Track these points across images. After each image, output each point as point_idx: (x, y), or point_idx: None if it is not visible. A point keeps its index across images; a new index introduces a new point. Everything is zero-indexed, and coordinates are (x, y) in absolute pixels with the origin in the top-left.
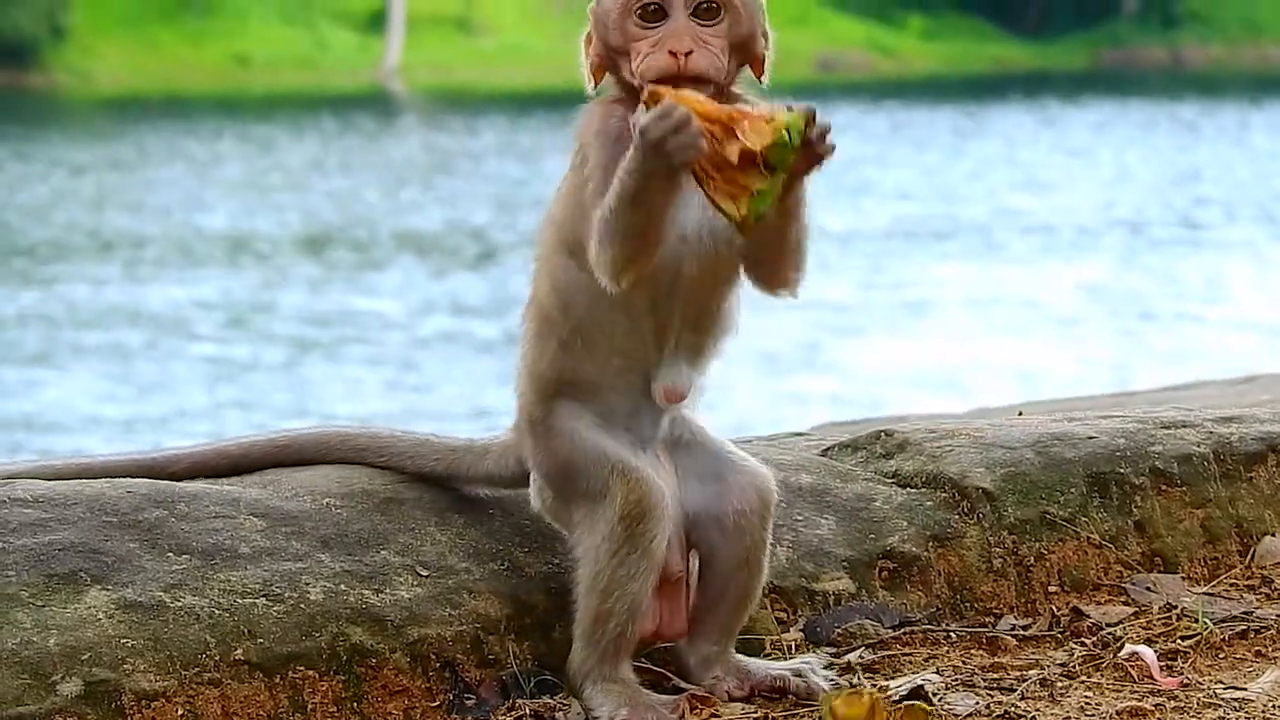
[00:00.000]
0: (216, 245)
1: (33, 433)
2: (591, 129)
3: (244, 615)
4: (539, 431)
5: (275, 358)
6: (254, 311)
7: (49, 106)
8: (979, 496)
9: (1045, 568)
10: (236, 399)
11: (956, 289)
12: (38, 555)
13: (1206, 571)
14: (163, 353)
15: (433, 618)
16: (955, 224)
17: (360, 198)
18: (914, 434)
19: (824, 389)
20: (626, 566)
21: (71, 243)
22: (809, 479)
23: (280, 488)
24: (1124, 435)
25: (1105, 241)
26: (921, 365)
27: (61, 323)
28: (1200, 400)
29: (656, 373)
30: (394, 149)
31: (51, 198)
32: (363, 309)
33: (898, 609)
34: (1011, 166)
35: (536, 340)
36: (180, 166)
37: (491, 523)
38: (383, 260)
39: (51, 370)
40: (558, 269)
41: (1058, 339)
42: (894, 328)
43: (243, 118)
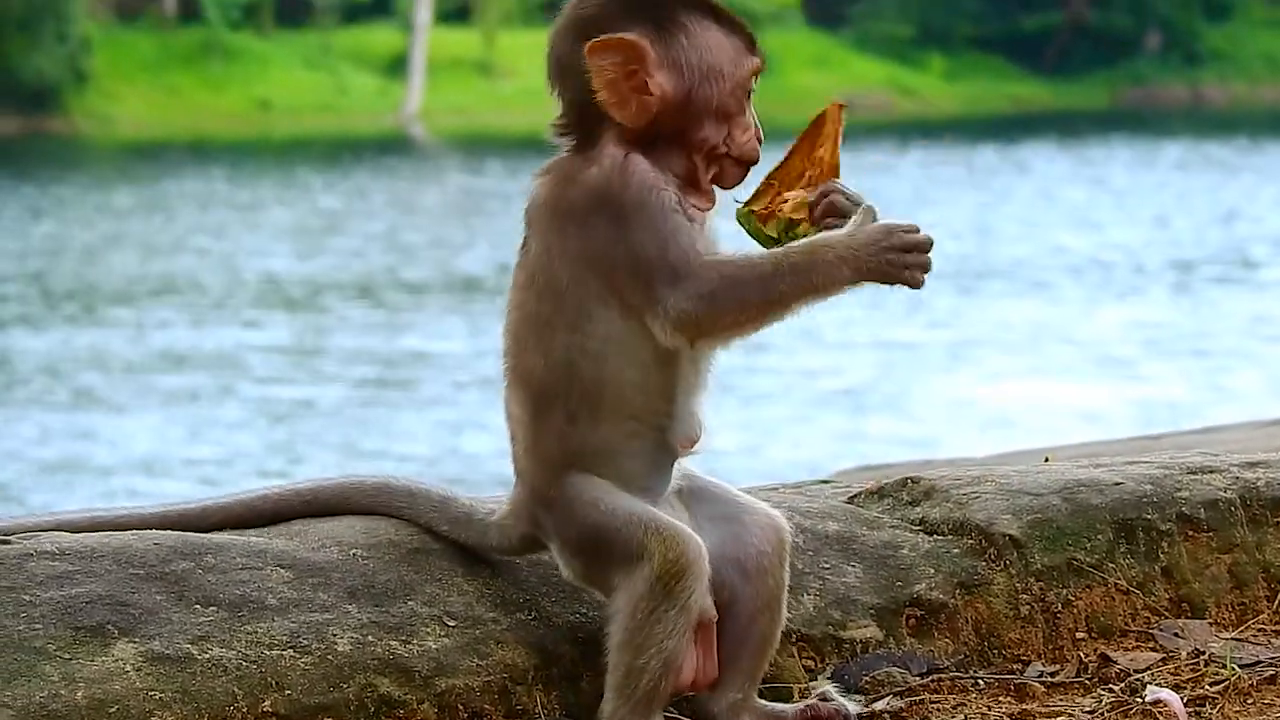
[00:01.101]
0: (269, 289)
1: (88, 474)
2: (640, 178)
3: (271, 667)
4: (555, 509)
5: (334, 400)
6: (311, 355)
7: (72, 151)
8: (1006, 543)
9: (1073, 614)
10: (296, 441)
11: (1010, 328)
12: (64, 608)
13: (1234, 617)
14: (221, 395)
15: (460, 668)
16: (1002, 263)
17: (402, 240)
18: (940, 481)
19: (881, 429)
20: (664, 624)
21: (124, 286)
22: (835, 526)
23: (306, 539)
24: (1150, 481)
25: (1154, 280)
26: (979, 404)
27: (119, 366)
28: (1226, 444)
29: (670, 424)
30: (428, 192)
31: (100, 242)
32: (419, 350)
33: (925, 656)
34: (1050, 205)
35: (535, 420)
36: (220, 211)
37: (518, 573)
38: (436, 302)
39: (109, 413)
40: (552, 342)
41: (1114, 377)
42: (949, 367)
43: (270, 162)
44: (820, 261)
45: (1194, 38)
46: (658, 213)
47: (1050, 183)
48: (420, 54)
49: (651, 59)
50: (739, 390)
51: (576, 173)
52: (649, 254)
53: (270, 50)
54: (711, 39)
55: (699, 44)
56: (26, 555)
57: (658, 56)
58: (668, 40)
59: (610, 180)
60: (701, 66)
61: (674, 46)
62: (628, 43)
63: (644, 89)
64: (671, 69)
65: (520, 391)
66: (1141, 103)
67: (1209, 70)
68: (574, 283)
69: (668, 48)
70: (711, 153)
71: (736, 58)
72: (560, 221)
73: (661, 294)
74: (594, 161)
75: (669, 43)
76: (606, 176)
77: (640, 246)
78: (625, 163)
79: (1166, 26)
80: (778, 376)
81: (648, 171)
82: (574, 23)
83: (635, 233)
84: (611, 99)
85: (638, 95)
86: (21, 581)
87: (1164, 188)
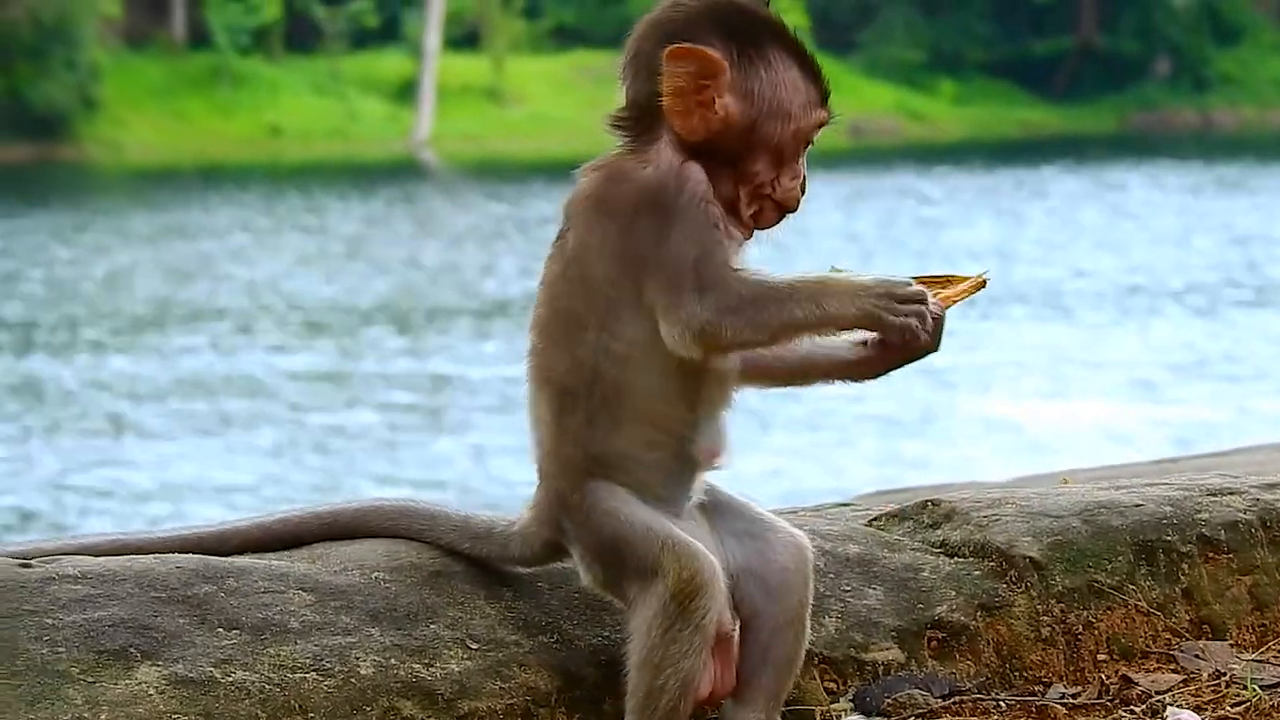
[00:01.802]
0: (295, 313)
1: (119, 500)
2: (694, 186)
3: (295, 690)
4: (577, 513)
5: (365, 424)
6: (340, 379)
7: (83, 178)
8: (1026, 565)
9: (1094, 636)
10: (329, 466)
11: (1036, 350)
12: (87, 631)
13: (1255, 638)
14: (252, 420)
15: (483, 690)
16: (1025, 286)
17: (424, 265)
18: (960, 503)
19: (912, 452)
20: (680, 643)
21: (153, 312)
22: (856, 549)
23: (328, 562)
24: (1170, 503)
25: (1177, 302)
26: (1009, 427)
27: (148, 391)
28: (1246, 466)
29: (692, 435)
30: (444, 216)
31: (120, 268)
32: (447, 374)
33: (947, 678)
34: (1067, 229)
35: (557, 421)
36: (238, 237)
37: (540, 595)
38: (461, 326)
39: (142, 439)
40: (579, 340)
41: (1140, 399)
42: (977, 389)
43: (282, 188)
44: (831, 294)
45: (1203, 63)
46: (703, 223)
47: (1066, 206)
48: (430, 80)
49: (726, 79)
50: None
51: (630, 172)
52: (684, 260)
53: (280, 76)
54: (790, 79)
55: (776, 80)
56: (49, 579)
57: (733, 79)
58: (748, 67)
59: (666, 182)
60: (773, 102)
61: (752, 75)
62: (709, 57)
63: (710, 105)
64: (743, 95)
65: (543, 390)
66: (1151, 127)
67: (1218, 95)
68: (608, 281)
69: (746, 74)
70: (757, 189)
71: (808, 105)
72: (605, 218)
73: (686, 301)
74: (650, 162)
75: (748, 70)
76: (662, 178)
77: (678, 251)
78: (682, 169)
79: (1176, 51)
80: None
81: (701, 182)
82: (662, 23)
83: (677, 237)
84: (676, 106)
85: (702, 110)
86: (44, 605)
87: (1182, 211)
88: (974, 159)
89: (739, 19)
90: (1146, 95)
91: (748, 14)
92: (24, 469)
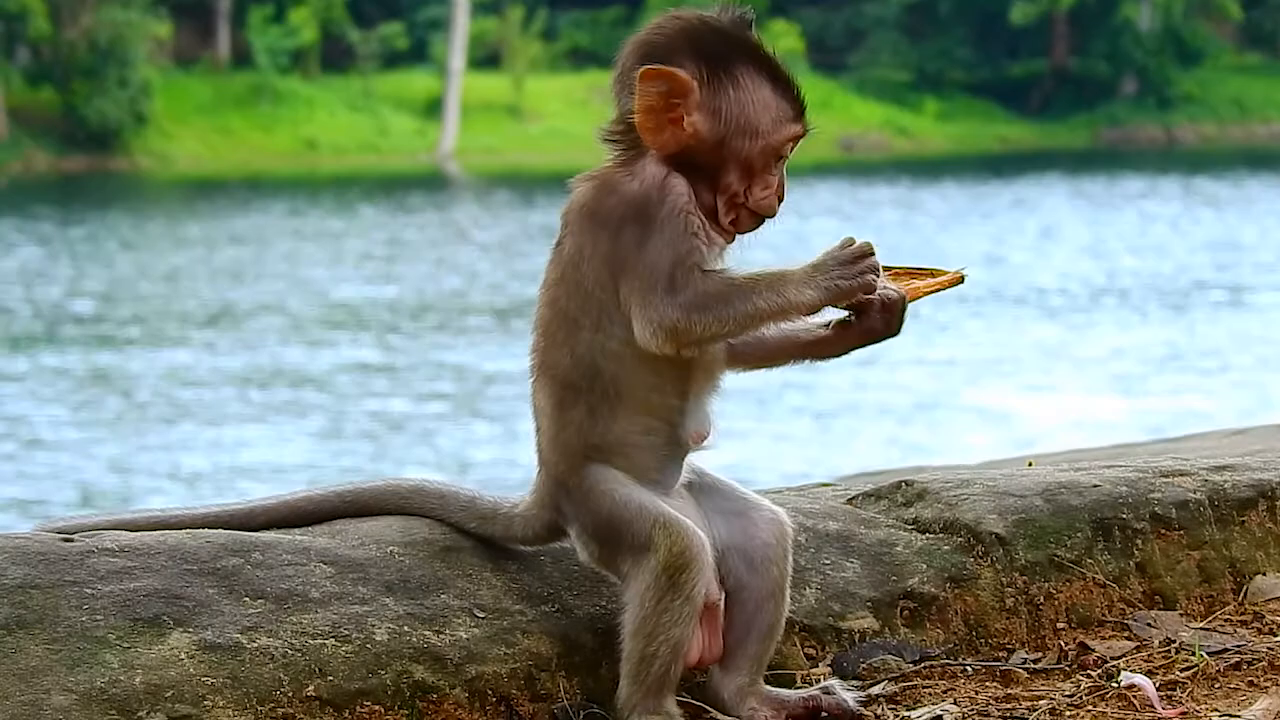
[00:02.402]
0: (349, 312)
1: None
2: (675, 198)
3: (315, 655)
4: (575, 495)
5: (414, 413)
6: (392, 372)
7: (134, 188)
8: (992, 541)
9: (1054, 606)
10: (382, 450)
11: (1031, 347)
12: (124, 601)
13: (1203, 608)
14: (305, 408)
15: (489, 656)
16: (1018, 289)
17: (459, 267)
18: (932, 484)
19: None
20: (670, 613)
21: (216, 310)
22: (835, 526)
23: (347, 537)
24: (1126, 484)
25: (1163, 302)
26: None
27: (213, 381)
28: (1197, 450)
29: (682, 420)
30: (477, 223)
31: (181, 270)
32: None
33: (918, 645)
34: (1052, 236)
35: (558, 411)
36: (286, 241)
37: (543, 568)
38: (503, 324)
39: (216, 426)
40: (578, 339)
41: (1130, 392)
42: (977, 380)
43: (320, 197)
44: (788, 281)
45: (1167, 83)
46: (681, 232)
47: (1045, 215)
48: (454, 97)
49: (694, 99)
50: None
51: (618, 184)
52: (659, 265)
53: (316, 94)
54: (759, 97)
55: (745, 99)
56: (88, 552)
57: (701, 98)
58: (716, 86)
59: (649, 194)
60: (740, 119)
61: (720, 94)
62: (677, 77)
63: (679, 123)
64: (710, 114)
65: (546, 384)
66: (1119, 142)
67: (1180, 112)
68: (599, 285)
69: (714, 93)
70: (732, 199)
71: (778, 121)
72: (595, 226)
73: (656, 302)
74: (636, 176)
75: (716, 89)
76: (646, 191)
77: (655, 257)
78: (665, 181)
79: (1142, 72)
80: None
81: (683, 194)
82: (642, 44)
83: (655, 244)
84: (646, 123)
85: (672, 126)
86: (84, 576)
87: (1153, 219)
88: (957, 171)
89: (713, 40)
90: (1115, 113)
91: (722, 35)
92: (94, 452)
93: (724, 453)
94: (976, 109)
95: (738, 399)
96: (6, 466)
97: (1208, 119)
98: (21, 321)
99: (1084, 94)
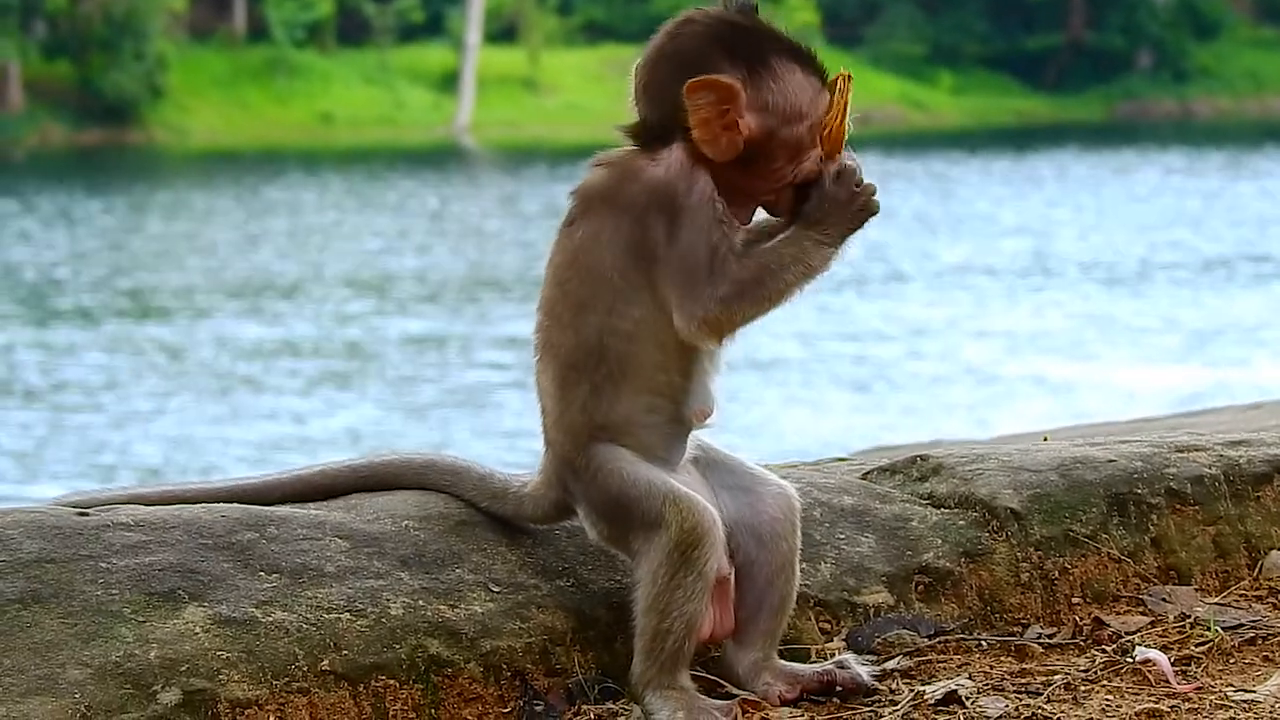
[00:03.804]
0: (399, 283)
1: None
2: (703, 185)
3: (330, 629)
4: (583, 475)
5: (463, 382)
6: (455, 342)
7: (151, 160)
8: (1007, 516)
9: (1069, 581)
10: (428, 421)
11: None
12: (139, 575)
13: (1217, 583)
14: (360, 377)
15: (504, 630)
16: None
17: (506, 240)
18: (947, 459)
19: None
20: (683, 589)
21: (256, 282)
22: (850, 500)
23: (362, 511)
24: (1141, 458)
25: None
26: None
27: (259, 351)
28: (1212, 425)
29: (686, 399)
30: (502, 196)
31: (219, 242)
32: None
33: (933, 620)
34: (1070, 207)
35: (562, 391)
36: (319, 213)
37: (558, 543)
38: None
39: (252, 394)
40: (585, 321)
41: (1166, 361)
42: (1022, 351)
43: (339, 170)
44: (809, 249)
45: (1183, 56)
46: (710, 221)
47: (1068, 187)
48: (470, 71)
49: (744, 100)
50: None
51: (642, 170)
52: (694, 257)
53: (332, 67)
54: (795, 81)
55: (785, 87)
56: (104, 526)
57: (749, 98)
58: (758, 83)
59: (676, 181)
60: (787, 109)
61: (764, 89)
62: (724, 84)
63: (735, 128)
64: (760, 111)
65: (550, 365)
66: (1134, 116)
67: (1197, 86)
68: (618, 270)
69: (759, 90)
70: (778, 182)
71: (815, 97)
72: (615, 212)
73: (698, 296)
74: (661, 162)
75: (759, 85)
76: (672, 179)
77: (688, 248)
78: (691, 170)
79: (1157, 45)
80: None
81: (709, 183)
82: (673, 55)
83: (686, 234)
84: (704, 135)
85: (728, 134)
86: (99, 550)
87: (1177, 192)
88: (974, 145)
89: (740, 37)
90: (1130, 86)
91: (746, 30)
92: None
93: (796, 422)
94: (992, 83)
95: (795, 369)
96: (93, 437)
97: (1223, 92)
98: (79, 296)
99: (1099, 68)
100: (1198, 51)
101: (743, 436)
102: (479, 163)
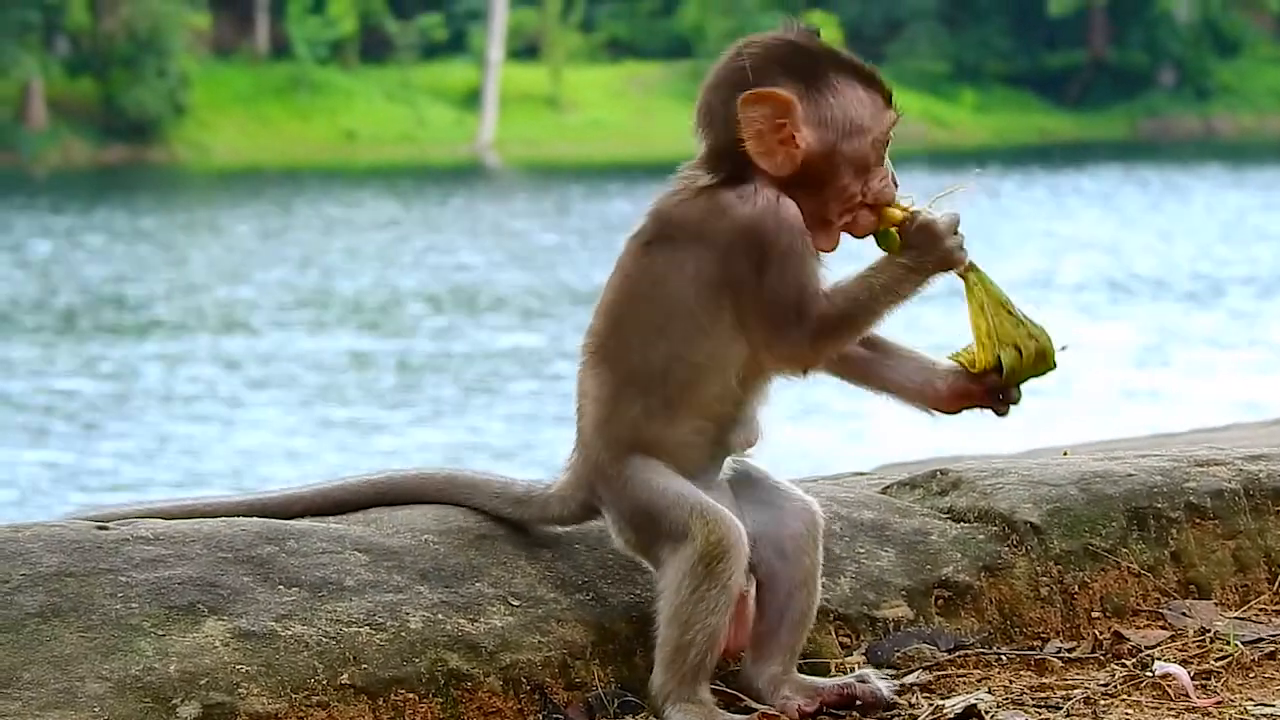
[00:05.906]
0: (436, 300)
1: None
2: (791, 223)
3: (349, 643)
4: (614, 482)
5: (509, 395)
6: (482, 359)
7: (173, 178)
8: (1027, 530)
9: (1088, 595)
10: (472, 436)
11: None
12: (159, 588)
13: (1237, 598)
14: (406, 391)
15: (524, 644)
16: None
17: (548, 255)
18: (967, 473)
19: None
20: (707, 602)
21: (286, 299)
22: (870, 515)
23: (382, 525)
24: (1161, 473)
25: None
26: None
27: (296, 367)
28: (1232, 440)
29: (735, 427)
30: (516, 214)
31: (247, 259)
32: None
33: (953, 634)
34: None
35: (612, 402)
36: (347, 232)
37: (577, 556)
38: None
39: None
40: (655, 346)
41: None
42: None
43: (364, 187)
44: (899, 279)
45: (1205, 74)
46: (800, 259)
47: (1101, 203)
48: (493, 89)
49: (800, 114)
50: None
51: (729, 206)
52: (785, 297)
53: (354, 84)
54: (855, 96)
55: (844, 101)
56: (124, 540)
57: (806, 112)
58: (816, 98)
59: (764, 220)
60: (845, 123)
61: (821, 104)
62: (779, 97)
63: (791, 141)
64: (818, 125)
65: (603, 373)
66: (1157, 133)
67: (1219, 103)
68: (699, 303)
69: (816, 105)
70: (849, 201)
71: (876, 113)
72: (702, 247)
73: (788, 335)
74: (748, 199)
75: (817, 100)
76: (760, 216)
77: (780, 286)
78: (779, 206)
79: (1180, 63)
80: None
81: (797, 217)
82: (730, 74)
83: (775, 274)
84: (759, 149)
85: (784, 147)
86: (119, 564)
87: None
88: (998, 162)
89: (796, 55)
90: (1153, 104)
91: (803, 49)
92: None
93: (879, 434)
94: (1014, 100)
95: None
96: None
97: (1246, 110)
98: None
99: (1122, 85)
100: (1220, 69)
101: (774, 451)
102: (506, 179)
